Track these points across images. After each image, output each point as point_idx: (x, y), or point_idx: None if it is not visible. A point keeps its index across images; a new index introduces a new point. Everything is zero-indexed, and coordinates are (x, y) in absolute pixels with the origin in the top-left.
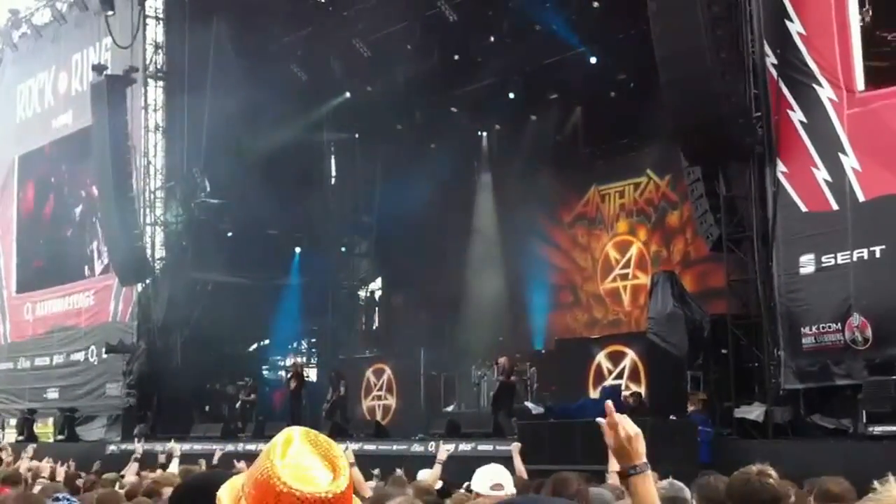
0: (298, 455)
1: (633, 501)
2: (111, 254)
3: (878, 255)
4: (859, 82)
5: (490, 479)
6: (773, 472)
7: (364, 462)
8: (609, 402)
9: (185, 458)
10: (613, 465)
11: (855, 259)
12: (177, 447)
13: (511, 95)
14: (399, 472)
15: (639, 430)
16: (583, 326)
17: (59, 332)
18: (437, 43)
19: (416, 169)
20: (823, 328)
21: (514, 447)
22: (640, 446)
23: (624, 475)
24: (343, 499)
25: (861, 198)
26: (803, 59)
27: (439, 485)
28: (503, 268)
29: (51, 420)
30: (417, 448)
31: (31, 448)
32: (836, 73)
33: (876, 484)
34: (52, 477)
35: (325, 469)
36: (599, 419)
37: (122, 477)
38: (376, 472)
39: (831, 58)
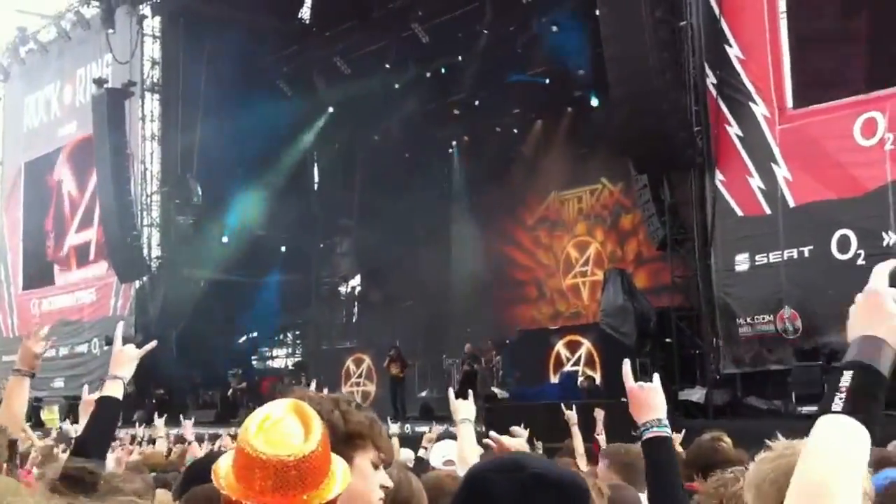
0: (276, 421)
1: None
2: (111, 253)
3: (806, 254)
4: (789, 101)
5: (443, 454)
6: (726, 439)
7: None
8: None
9: (180, 441)
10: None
11: (786, 258)
12: (161, 424)
13: (478, 109)
14: None
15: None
16: (547, 318)
17: (64, 326)
18: (411, 61)
19: (391, 176)
20: (757, 319)
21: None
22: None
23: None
24: (310, 461)
25: (791, 203)
26: (740, 79)
27: (412, 462)
28: (472, 266)
29: (56, 407)
30: (394, 429)
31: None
32: (770, 93)
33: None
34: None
35: (300, 433)
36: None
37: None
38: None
39: (765, 79)
